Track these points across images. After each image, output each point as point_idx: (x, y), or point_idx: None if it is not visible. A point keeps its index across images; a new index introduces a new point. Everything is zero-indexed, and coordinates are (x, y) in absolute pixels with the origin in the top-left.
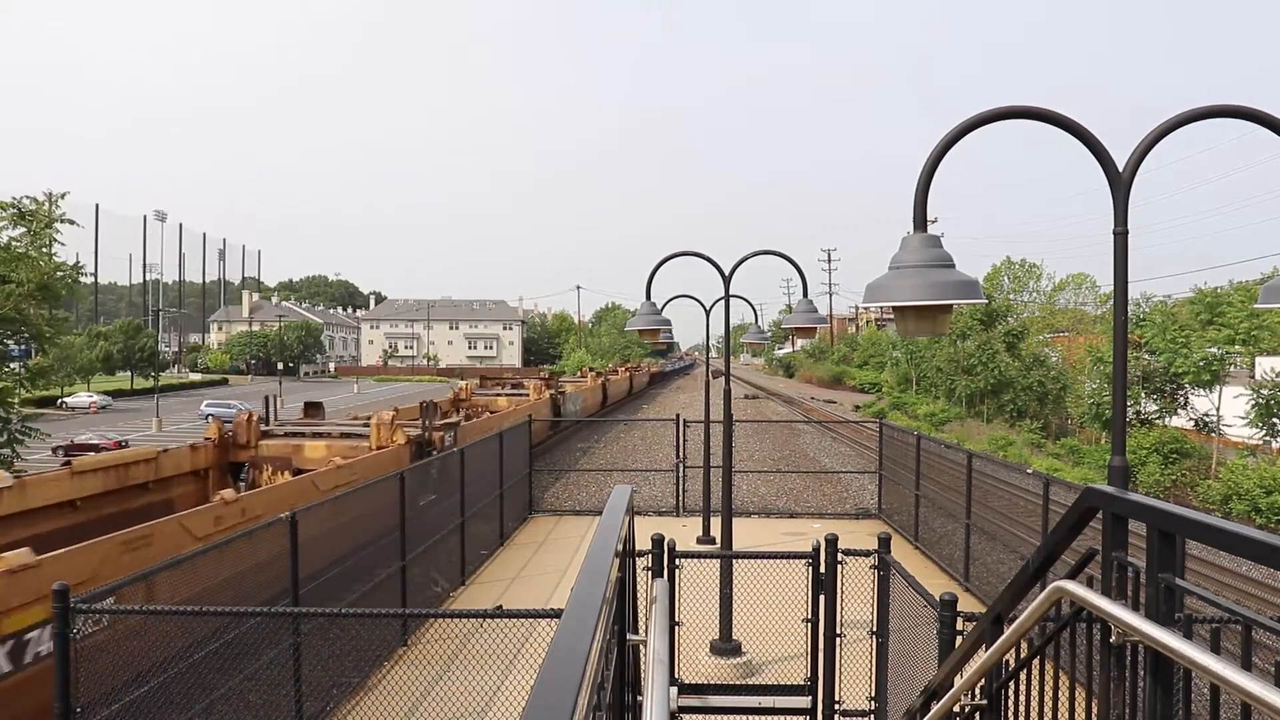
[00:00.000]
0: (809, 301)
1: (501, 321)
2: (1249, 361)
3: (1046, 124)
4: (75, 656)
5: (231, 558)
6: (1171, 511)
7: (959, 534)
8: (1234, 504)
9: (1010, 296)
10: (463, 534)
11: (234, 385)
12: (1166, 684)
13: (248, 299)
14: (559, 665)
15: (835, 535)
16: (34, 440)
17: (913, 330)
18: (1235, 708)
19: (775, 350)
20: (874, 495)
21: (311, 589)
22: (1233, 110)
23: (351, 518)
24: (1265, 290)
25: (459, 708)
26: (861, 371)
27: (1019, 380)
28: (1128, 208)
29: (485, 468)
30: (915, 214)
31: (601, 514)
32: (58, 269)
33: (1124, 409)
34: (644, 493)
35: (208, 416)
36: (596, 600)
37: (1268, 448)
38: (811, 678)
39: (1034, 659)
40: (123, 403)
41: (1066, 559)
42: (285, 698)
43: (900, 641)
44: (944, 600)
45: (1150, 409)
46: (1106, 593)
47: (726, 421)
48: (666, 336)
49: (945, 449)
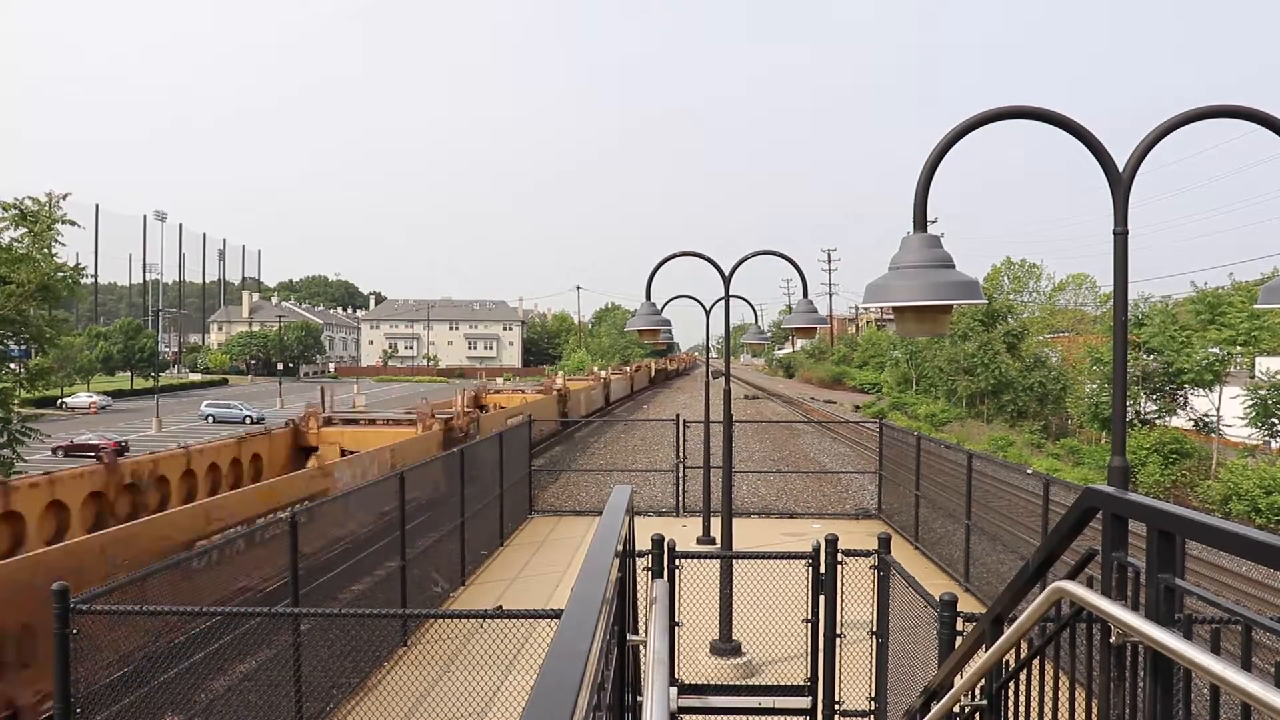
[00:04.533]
0: (809, 302)
1: (501, 322)
2: (1249, 362)
3: (1046, 124)
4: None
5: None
6: (1171, 512)
7: (959, 534)
8: (1234, 504)
9: (1010, 297)
10: (462, 533)
11: (234, 385)
12: (1166, 684)
13: (247, 299)
14: (559, 665)
15: (835, 535)
16: (33, 441)
17: (913, 330)
18: (1235, 708)
19: (775, 350)
20: (874, 495)
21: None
22: (1233, 110)
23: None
24: (1265, 290)
25: (459, 708)
26: (861, 372)
27: (1019, 381)
28: (1128, 208)
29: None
30: (915, 214)
31: (601, 514)
32: (58, 270)
33: (1124, 409)
34: (644, 493)
35: (208, 417)
36: (596, 600)
37: (1267, 448)
38: (811, 678)
39: (1034, 659)
40: (122, 403)
41: (1066, 559)
42: (285, 697)
43: (900, 642)
44: (944, 600)
45: (1150, 409)
46: (1106, 593)
47: (726, 422)
48: (666, 337)
49: (945, 449)
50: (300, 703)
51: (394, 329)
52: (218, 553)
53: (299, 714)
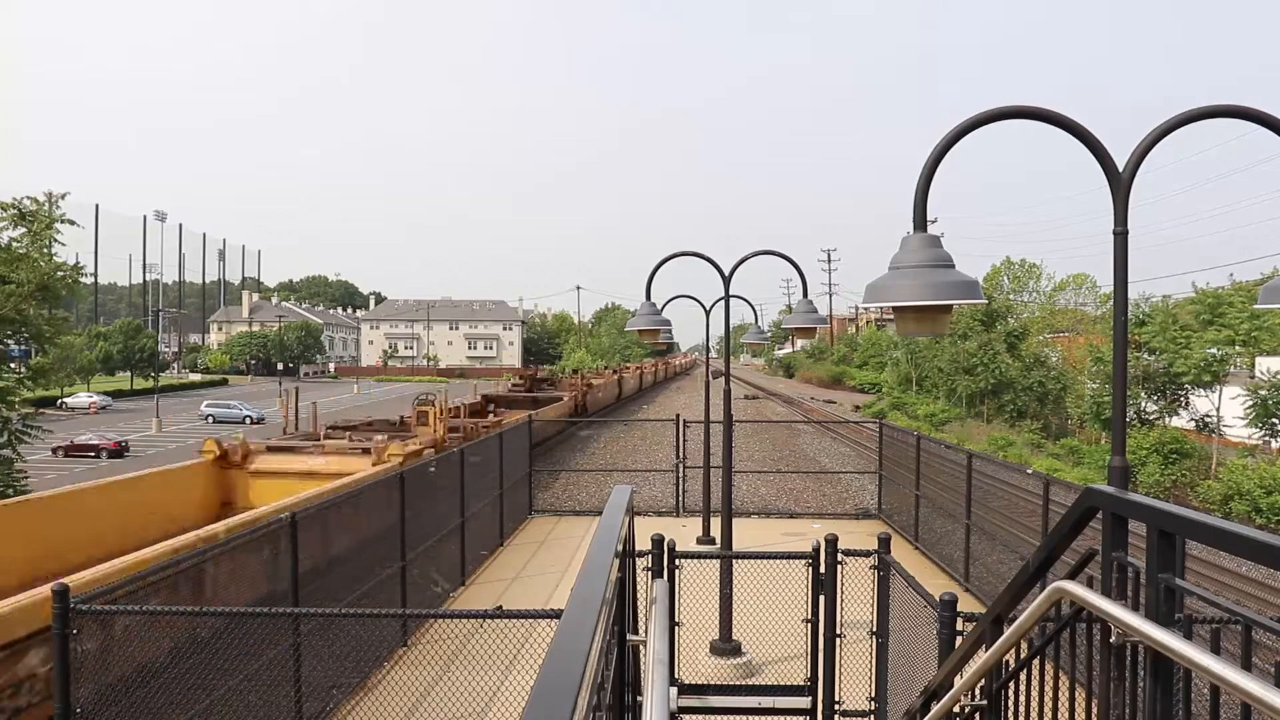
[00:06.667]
0: (809, 302)
1: (501, 322)
2: (1249, 362)
3: (1046, 124)
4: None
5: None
6: (1171, 511)
7: (959, 534)
8: (1234, 504)
9: (1010, 297)
10: (462, 533)
11: (234, 385)
12: (1166, 684)
13: (248, 299)
14: (559, 665)
15: (835, 535)
16: (38, 438)
17: (913, 330)
18: (1235, 708)
19: (775, 350)
20: (874, 495)
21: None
22: (1233, 110)
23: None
24: (1265, 290)
25: (459, 708)
26: (861, 372)
27: (1019, 380)
28: (1128, 208)
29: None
30: (915, 214)
31: (601, 514)
32: (58, 269)
33: (1124, 409)
34: (644, 493)
35: (208, 417)
36: (596, 600)
37: (1267, 448)
38: (811, 678)
39: (1034, 659)
40: (122, 403)
41: (1066, 559)
42: (285, 698)
43: (900, 642)
44: (944, 600)
45: (1150, 409)
46: (1106, 593)
47: (726, 422)
48: (666, 337)
49: (945, 449)
50: (300, 703)
51: (394, 329)
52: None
53: (299, 714)
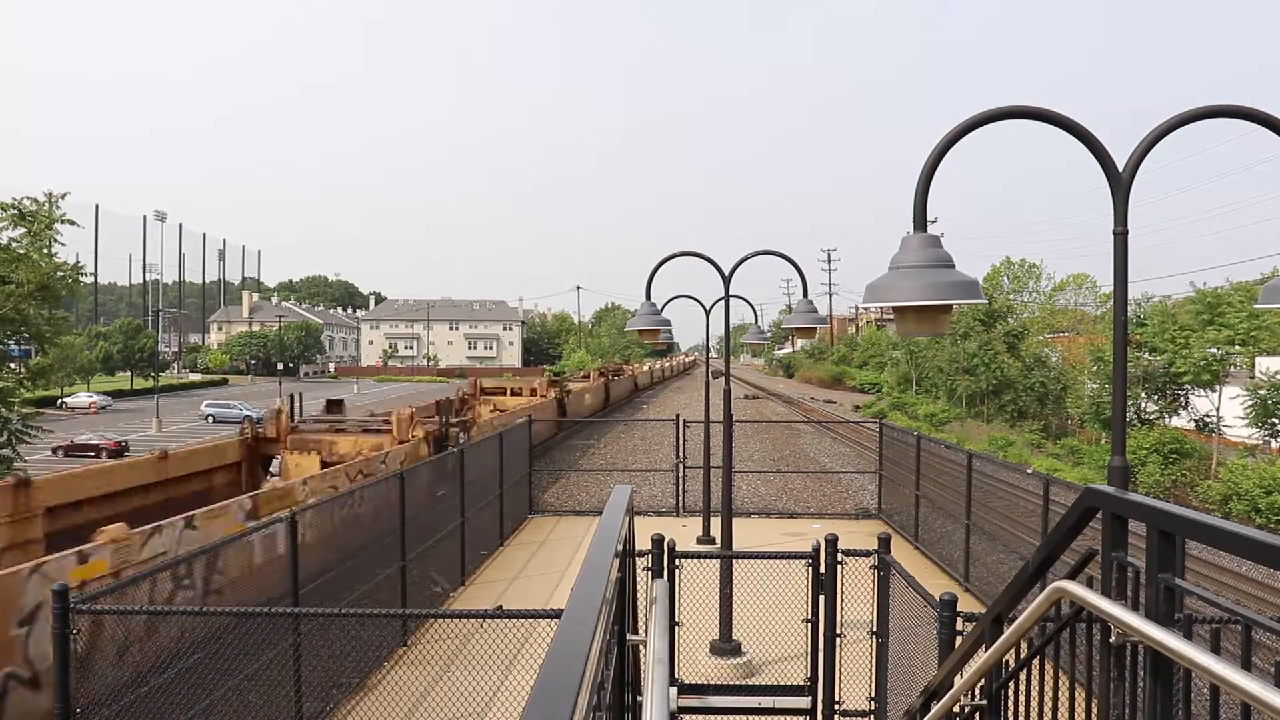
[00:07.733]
0: (809, 302)
1: (501, 322)
2: (1249, 362)
3: (1046, 124)
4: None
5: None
6: (1171, 511)
7: (959, 534)
8: (1234, 504)
9: (1010, 297)
10: (462, 533)
11: (234, 385)
12: (1166, 684)
13: (247, 299)
14: (559, 665)
15: (835, 535)
16: (38, 438)
17: (913, 330)
18: (1235, 708)
19: (775, 350)
20: (874, 495)
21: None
22: (1233, 110)
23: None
24: (1265, 290)
25: (459, 708)
26: (861, 372)
27: (1019, 381)
28: (1128, 208)
29: (488, 466)
30: (915, 214)
31: (601, 514)
32: (58, 269)
33: (1124, 409)
34: (644, 493)
35: (208, 417)
36: (596, 600)
37: (1267, 447)
38: (811, 678)
39: (1034, 659)
40: (123, 403)
41: (1066, 559)
42: (285, 697)
43: (900, 641)
44: (944, 600)
45: (1150, 409)
46: (1106, 593)
47: (726, 422)
48: (666, 337)
49: (945, 449)
50: (300, 703)
51: (394, 329)
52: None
53: (299, 714)
